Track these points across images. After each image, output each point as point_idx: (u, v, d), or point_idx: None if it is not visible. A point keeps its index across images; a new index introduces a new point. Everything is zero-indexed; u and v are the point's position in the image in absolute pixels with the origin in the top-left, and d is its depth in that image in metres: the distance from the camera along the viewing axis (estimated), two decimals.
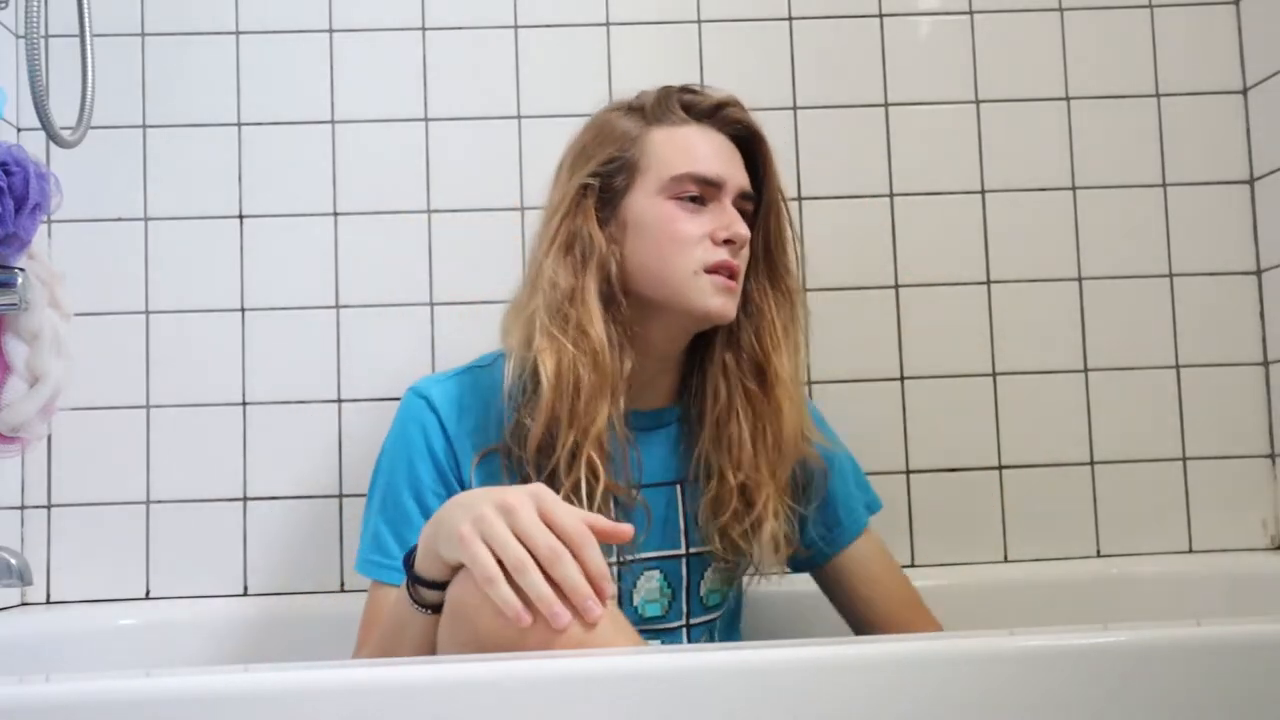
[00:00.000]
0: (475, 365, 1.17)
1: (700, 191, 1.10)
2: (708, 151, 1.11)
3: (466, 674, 0.74)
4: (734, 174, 1.12)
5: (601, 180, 1.11)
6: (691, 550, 1.15)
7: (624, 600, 1.11)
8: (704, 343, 1.16)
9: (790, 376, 1.13)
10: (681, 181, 1.09)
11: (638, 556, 1.11)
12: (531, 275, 1.12)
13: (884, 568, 1.22)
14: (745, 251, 1.13)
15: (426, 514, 1.05)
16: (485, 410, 1.11)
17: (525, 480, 1.06)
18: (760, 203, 1.15)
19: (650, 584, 1.13)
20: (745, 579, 1.22)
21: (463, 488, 1.08)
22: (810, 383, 1.47)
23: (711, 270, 1.09)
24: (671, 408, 1.17)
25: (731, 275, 1.10)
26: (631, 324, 1.09)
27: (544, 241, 1.11)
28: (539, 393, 1.05)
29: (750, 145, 1.15)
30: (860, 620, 1.21)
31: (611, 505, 1.07)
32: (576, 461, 1.04)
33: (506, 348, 1.11)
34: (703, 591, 1.16)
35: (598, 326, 1.06)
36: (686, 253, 1.09)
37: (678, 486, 1.15)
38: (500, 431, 1.09)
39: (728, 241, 1.10)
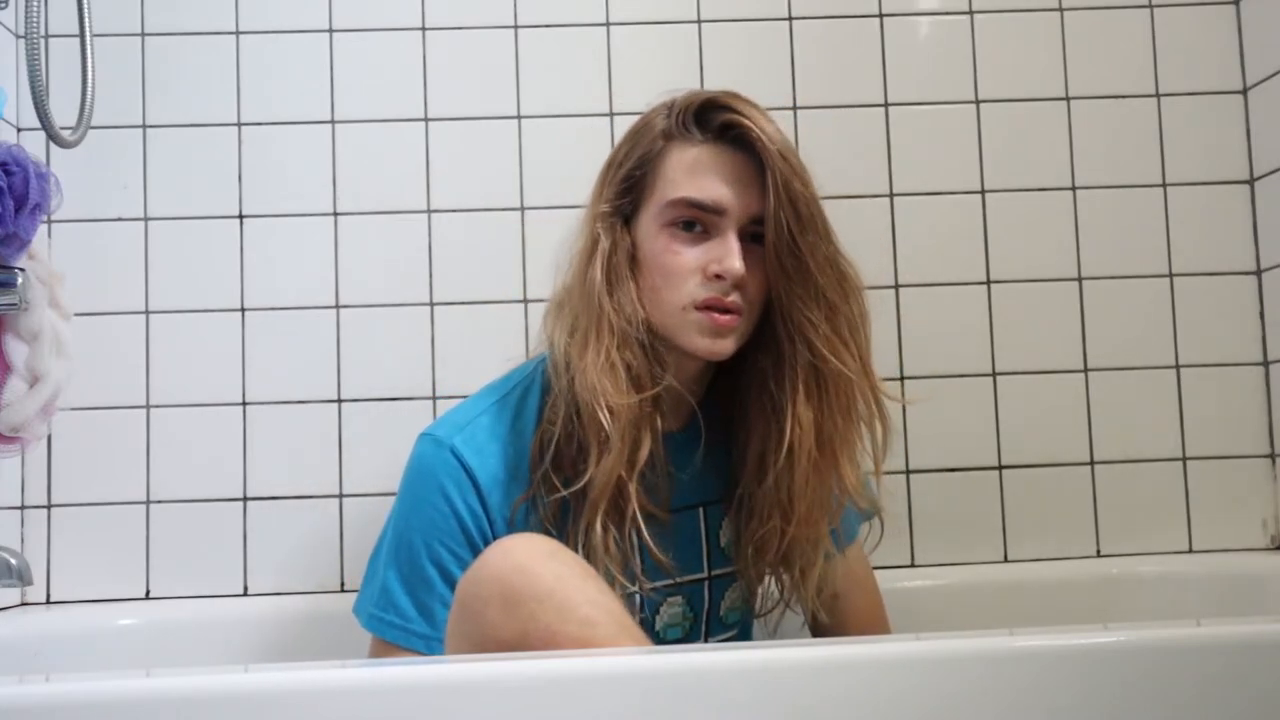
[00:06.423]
0: (503, 393, 1.08)
1: (699, 218, 1.02)
2: (711, 175, 1.02)
3: (466, 674, 0.74)
4: (738, 200, 1.02)
5: (614, 204, 1.05)
6: (714, 573, 1.12)
7: (647, 628, 1.05)
8: (732, 367, 1.10)
9: (808, 427, 1.03)
10: (676, 207, 1.02)
11: (662, 583, 1.06)
12: (582, 300, 1.04)
13: (865, 571, 1.23)
14: (751, 287, 1.03)
15: (447, 579, 1.00)
16: (519, 445, 1.04)
17: (558, 507, 1.02)
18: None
19: (673, 609, 1.09)
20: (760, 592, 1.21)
21: (494, 538, 1.01)
22: None
23: (701, 307, 1.02)
24: (687, 430, 1.10)
25: (725, 311, 1.02)
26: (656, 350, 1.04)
27: (590, 270, 1.03)
28: (594, 424, 0.99)
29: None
30: (829, 616, 1.19)
31: (648, 529, 1.02)
32: (625, 488, 1.00)
33: (558, 367, 1.04)
34: (723, 611, 1.14)
35: (641, 355, 1.01)
36: (678, 287, 1.02)
37: (700, 509, 1.11)
38: (533, 465, 1.03)
39: (719, 276, 1.01)
